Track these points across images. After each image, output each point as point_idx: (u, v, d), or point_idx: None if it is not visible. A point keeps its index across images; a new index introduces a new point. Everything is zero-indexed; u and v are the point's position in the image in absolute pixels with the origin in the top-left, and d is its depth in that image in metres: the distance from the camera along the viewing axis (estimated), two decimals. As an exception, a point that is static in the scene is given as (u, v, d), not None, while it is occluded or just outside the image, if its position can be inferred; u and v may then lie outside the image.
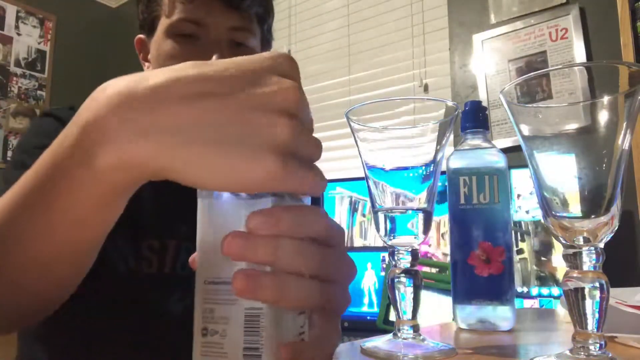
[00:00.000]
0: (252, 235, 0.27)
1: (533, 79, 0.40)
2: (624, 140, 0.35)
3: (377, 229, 0.45)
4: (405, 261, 0.43)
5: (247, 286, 0.26)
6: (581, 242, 0.36)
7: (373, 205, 0.45)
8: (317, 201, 0.86)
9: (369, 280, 1.60)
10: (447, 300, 1.35)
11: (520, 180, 1.46)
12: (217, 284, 0.28)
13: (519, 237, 1.52)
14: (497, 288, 0.54)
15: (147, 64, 0.75)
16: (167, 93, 0.27)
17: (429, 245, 1.64)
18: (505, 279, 0.54)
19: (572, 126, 0.36)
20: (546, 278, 1.48)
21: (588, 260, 0.35)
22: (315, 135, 0.31)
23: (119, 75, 0.29)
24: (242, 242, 0.27)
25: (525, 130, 0.38)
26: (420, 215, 0.43)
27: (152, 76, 0.28)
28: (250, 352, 0.27)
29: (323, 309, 0.31)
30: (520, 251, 1.51)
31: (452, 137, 0.59)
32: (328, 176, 0.31)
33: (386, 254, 0.94)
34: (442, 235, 1.64)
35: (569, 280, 0.36)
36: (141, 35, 0.75)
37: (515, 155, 0.67)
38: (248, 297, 0.27)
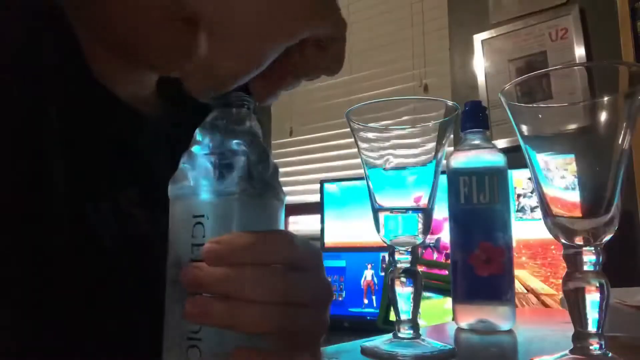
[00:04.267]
0: (205, 267, 0.28)
1: (533, 79, 0.40)
2: (624, 141, 0.35)
3: (377, 229, 0.45)
4: (405, 261, 0.43)
5: (196, 313, 0.28)
6: (581, 242, 0.36)
7: (373, 205, 0.45)
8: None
9: (369, 280, 1.60)
10: (447, 300, 1.35)
11: (520, 180, 1.46)
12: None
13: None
14: (497, 288, 0.54)
15: None
16: None
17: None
18: (505, 279, 0.54)
19: (572, 126, 0.36)
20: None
21: (588, 260, 0.35)
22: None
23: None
24: (196, 273, 0.28)
25: (525, 130, 0.38)
26: (420, 215, 0.43)
27: None
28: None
29: (295, 333, 0.31)
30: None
31: (452, 137, 0.59)
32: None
33: (386, 254, 0.94)
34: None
35: (569, 280, 0.36)
36: None
37: (515, 155, 0.67)
38: (197, 322, 0.28)
